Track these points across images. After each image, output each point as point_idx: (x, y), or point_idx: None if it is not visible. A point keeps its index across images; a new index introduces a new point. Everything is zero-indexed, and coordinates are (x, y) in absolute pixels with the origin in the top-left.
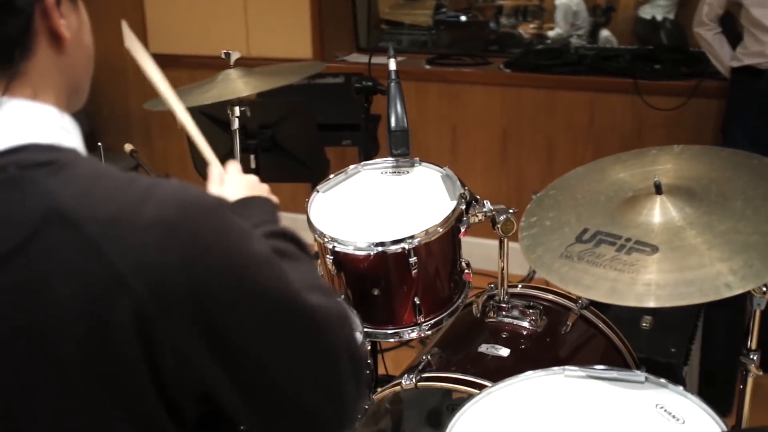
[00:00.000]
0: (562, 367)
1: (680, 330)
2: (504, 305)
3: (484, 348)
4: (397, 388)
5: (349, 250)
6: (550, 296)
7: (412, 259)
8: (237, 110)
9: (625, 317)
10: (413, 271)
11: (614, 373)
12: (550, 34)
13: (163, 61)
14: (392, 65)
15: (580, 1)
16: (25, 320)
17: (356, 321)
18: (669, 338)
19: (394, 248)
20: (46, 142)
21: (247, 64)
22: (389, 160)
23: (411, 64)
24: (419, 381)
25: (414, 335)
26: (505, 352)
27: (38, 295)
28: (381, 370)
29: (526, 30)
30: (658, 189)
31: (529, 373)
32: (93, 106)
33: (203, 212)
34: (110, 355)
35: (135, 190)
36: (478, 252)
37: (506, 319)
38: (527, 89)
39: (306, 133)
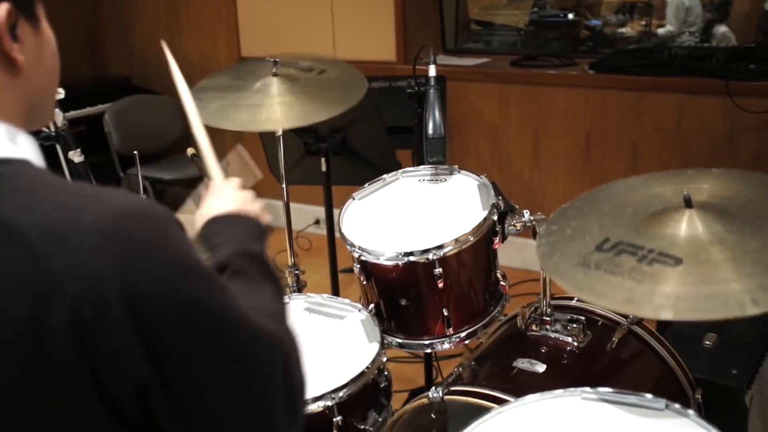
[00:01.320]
0: (580, 389)
1: (748, 350)
2: (547, 318)
3: (520, 363)
4: (424, 400)
5: (376, 259)
6: (599, 309)
7: (437, 270)
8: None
9: (687, 334)
10: (439, 282)
11: (633, 398)
12: (660, 31)
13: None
14: (432, 71)
15: None
16: None
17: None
18: (733, 359)
19: (419, 258)
20: None
21: None
22: (429, 168)
23: (496, 66)
24: (446, 394)
25: (446, 346)
26: (541, 368)
27: None
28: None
29: (635, 28)
30: (688, 202)
31: (546, 393)
32: None
33: (141, 222)
34: (46, 358)
35: (76, 199)
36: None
37: (549, 333)
38: (612, 91)
39: (376, 136)
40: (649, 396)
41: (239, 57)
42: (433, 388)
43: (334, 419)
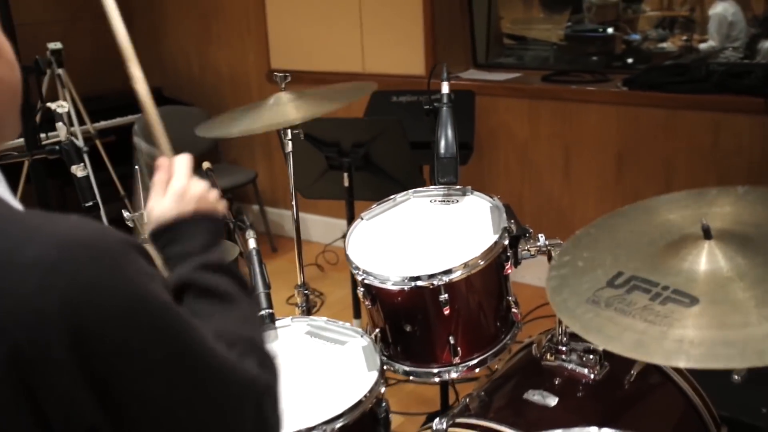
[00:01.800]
0: (594, 428)
1: None
2: (562, 347)
3: (531, 395)
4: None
5: (381, 284)
6: None
7: (443, 297)
8: (289, 133)
9: None
10: (445, 309)
11: None
12: (702, 47)
13: (290, 78)
14: (445, 88)
15: (738, 11)
16: None
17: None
18: (763, 396)
19: (425, 283)
20: None
21: (362, 80)
22: (441, 188)
23: (527, 81)
24: (450, 426)
25: (454, 376)
26: (553, 401)
27: None
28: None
29: (675, 43)
30: (707, 233)
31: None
32: None
33: (88, 253)
34: None
35: (20, 229)
36: None
37: (564, 364)
38: (645, 108)
39: (399, 151)
40: None
41: (269, 69)
42: (437, 419)
43: None
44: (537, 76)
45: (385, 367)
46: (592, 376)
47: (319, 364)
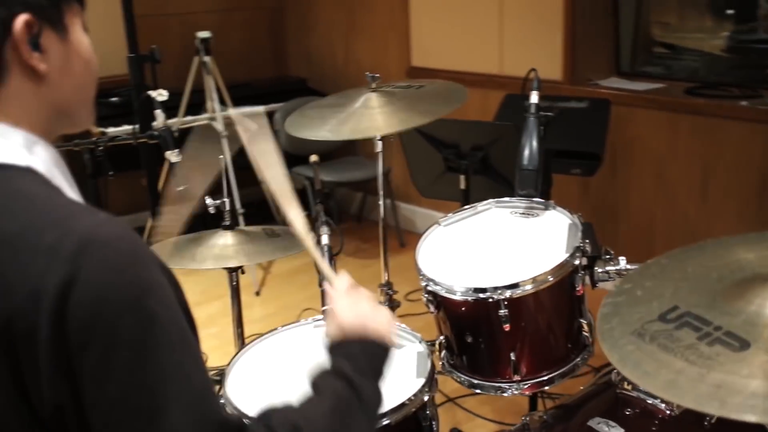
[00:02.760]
0: None
1: None
2: None
3: (595, 423)
4: None
5: (444, 293)
6: None
7: (502, 312)
8: (380, 145)
9: None
10: (504, 325)
11: None
12: None
13: (422, 75)
14: (534, 98)
15: None
16: None
17: None
18: None
19: (485, 296)
20: None
21: (499, 82)
22: (523, 200)
23: (668, 93)
24: None
25: (515, 393)
26: None
27: None
28: None
29: None
30: None
31: None
32: None
33: (99, 253)
34: None
35: (51, 216)
36: None
37: (642, 395)
38: None
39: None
40: None
41: (409, 66)
42: None
43: None
44: (681, 87)
45: (450, 375)
46: (668, 412)
47: None
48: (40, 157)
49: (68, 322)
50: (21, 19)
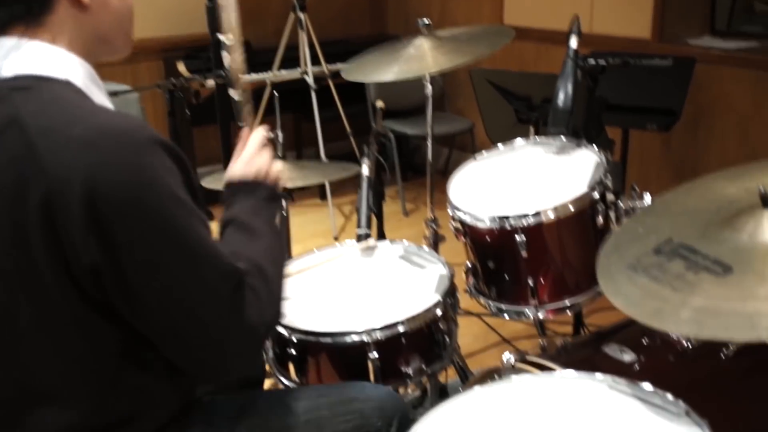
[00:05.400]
0: (612, 377)
1: None
2: None
3: (610, 349)
4: (499, 364)
5: (468, 220)
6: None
7: (519, 238)
8: (429, 87)
9: None
10: (522, 252)
11: (658, 401)
12: None
13: (515, 34)
14: (573, 43)
15: None
16: None
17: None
18: None
19: (505, 224)
20: (39, 74)
21: (587, 40)
22: (559, 139)
23: (760, 52)
24: (518, 361)
25: (530, 316)
26: (629, 357)
27: None
28: None
29: None
30: (765, 200)
31: (572, 372)
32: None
33: (121, 139)
34: (26, 224)
35: (78, 113)
36: None
37: None
38: None
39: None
40: (672, 401)
41: (501, 22)
42: (507, 353)
43: (370, 354)
44: None
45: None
46: (686, 344)
47: (390, 282)
48: (78, 73)
49: (97, 197)
50: None
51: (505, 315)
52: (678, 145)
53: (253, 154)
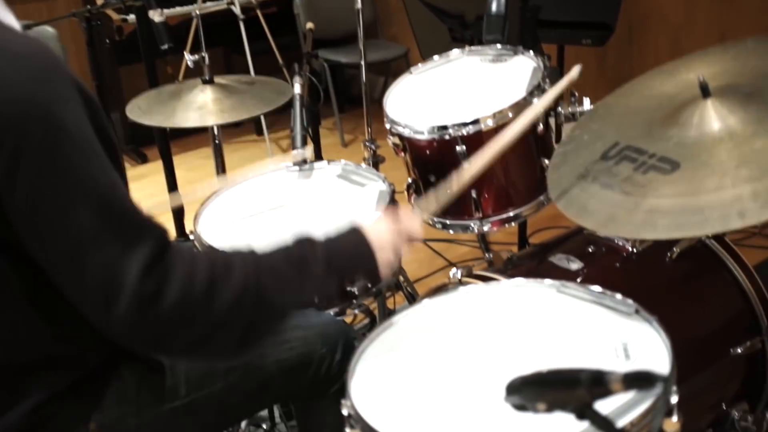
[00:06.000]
0: (561, 282)
1: None
2: None
3: (557, 258)
4: (446, 279)
5: (406, 133)
6: None
7: (459, 148)
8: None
9: None
10: (463, 162)
11: (608, 301)
12: None
13: None
14: None
15: None
16: None
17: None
18: None
19: (444, 134)
20: None
21: None
22: (494, 48)
23: None
24: (465, 276)
25: (482, 229)
26: (576, 265)
27: None
28: None
29: None
30: (705, 91)
31: (521, 280)
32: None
33: (20, 62)
34: None
35: None
36: None
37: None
38: None
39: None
40: (622, 300)
41: None
42: (455, 269)
43: None
44: None
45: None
46: (631, 249)
47: (328, 202)
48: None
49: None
50: None
51: (450, 230)
52: (613, 60)
53: (404, 235)
